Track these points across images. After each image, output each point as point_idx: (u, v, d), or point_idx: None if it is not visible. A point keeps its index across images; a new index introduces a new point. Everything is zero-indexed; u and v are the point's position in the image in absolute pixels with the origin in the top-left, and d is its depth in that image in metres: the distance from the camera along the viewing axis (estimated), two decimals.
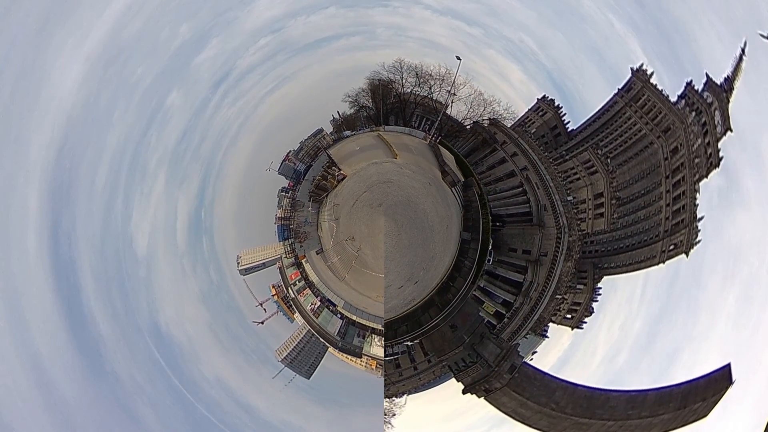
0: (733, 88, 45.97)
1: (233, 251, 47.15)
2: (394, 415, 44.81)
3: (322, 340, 46.78)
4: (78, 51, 32.70)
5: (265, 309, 46.58)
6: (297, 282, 47.76)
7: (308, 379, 45.89)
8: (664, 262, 47.83)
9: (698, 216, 46.20)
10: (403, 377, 45.27)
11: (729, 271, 45.51)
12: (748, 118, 44.88)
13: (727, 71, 45.24)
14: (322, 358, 46.77)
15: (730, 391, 34.23)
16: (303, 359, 46.68)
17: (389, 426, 44.35)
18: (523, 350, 43.78)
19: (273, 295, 47.22)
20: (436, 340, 42.59)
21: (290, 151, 48.20)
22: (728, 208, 46.49)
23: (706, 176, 46.82)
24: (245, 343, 46.30)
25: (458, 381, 41.67)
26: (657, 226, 48.11)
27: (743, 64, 43.90)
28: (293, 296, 47.18)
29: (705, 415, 34.11)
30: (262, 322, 46.21)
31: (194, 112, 43.23)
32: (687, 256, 46.95)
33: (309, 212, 46.86)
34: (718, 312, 44.76)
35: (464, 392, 41.51)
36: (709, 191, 46.04)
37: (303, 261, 47.65)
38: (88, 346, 35.22)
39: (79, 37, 32.48)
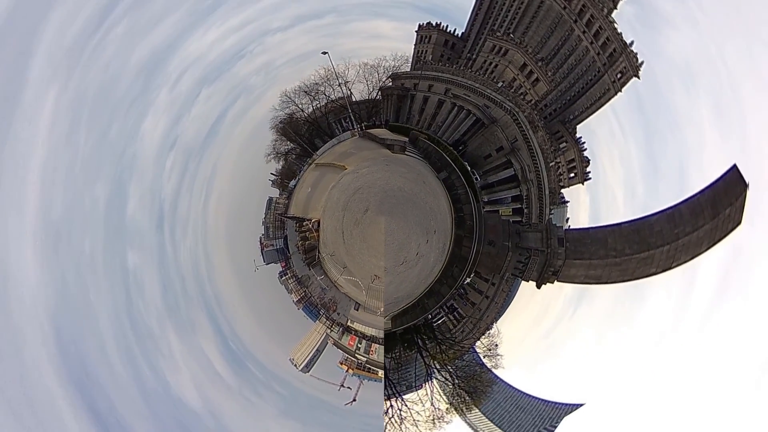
0: None
1: (282, 358, 45.85)
2: (496, 345, 44.97)
3: None
4: (21, 232, 31.78)
5: (348, 387, 44.88)
6: (358, 345, 45.52)
7: None
8: (620, 89, 48.86)
9: (628, 42, 47.46)
10: (483, 310, 45.71)
11: (688, 84, 47.10)
12: None
13: None
14: None
15: (751, 195, 35.38)
16: None
17: (498, 357, 44.76)
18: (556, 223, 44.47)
19: (347, 371, 45.28)
20: (487, 262, 42.66)
21: (261, 237, 47.65)
22: (655, 29, 48.56)
23: (616, 7, 48.56)
24: (351, 427, 44.99)
25: (528, 281, 42.22)
26: (593, 63, 49.05)
27: None
28: (365, 359, 44.96)
29: (739, 222, 35.65)
30: (355, 400, 44.31)
31: (158, 262, 43.65)
32: (638, 77, 48.07)
33: (318, 281, 45.27)
34: (698, 123, 45.86)
35: (538, 286, 41.91)
36: (626, 20, 47.83)
37: (350, 324, 45.42)
38: None
39: (17, 219, 31.71)
